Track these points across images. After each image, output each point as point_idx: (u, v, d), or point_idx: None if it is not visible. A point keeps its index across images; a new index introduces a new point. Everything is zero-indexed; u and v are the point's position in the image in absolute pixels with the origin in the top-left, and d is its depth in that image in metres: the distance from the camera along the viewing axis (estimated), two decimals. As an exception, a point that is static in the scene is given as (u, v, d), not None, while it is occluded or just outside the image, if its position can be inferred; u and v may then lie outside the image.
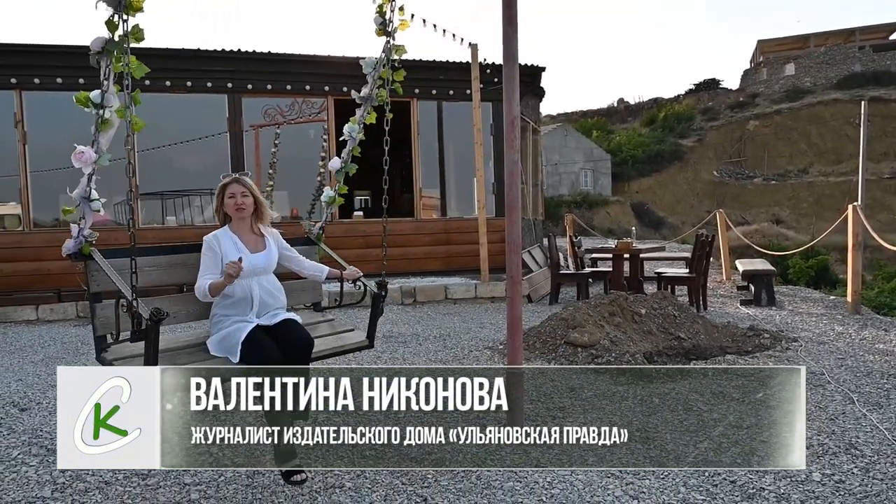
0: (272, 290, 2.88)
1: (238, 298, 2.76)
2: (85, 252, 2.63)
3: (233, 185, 2.86)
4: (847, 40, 45.25)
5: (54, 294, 7.42)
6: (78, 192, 2.57)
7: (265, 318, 2.79)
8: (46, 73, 7.75)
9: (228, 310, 2.77)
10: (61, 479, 2.68)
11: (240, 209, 2.84)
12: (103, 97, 2.42)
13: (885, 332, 5.72)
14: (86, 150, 2.48)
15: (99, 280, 2.66)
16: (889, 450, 2.91)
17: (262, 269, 2.85)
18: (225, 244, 2.80)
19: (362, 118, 3.51)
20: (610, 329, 5.00)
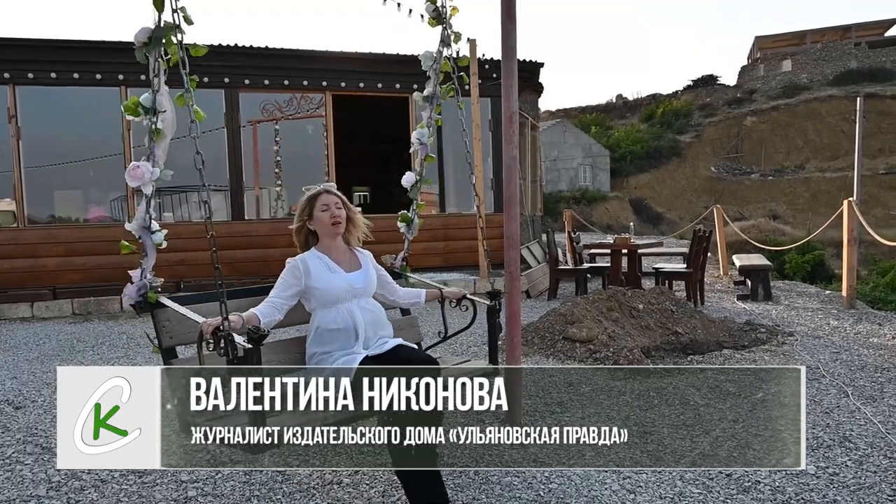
0: (376, 315, 2.49)
1: (338, 328, 2.38)
2: (151, 300, 2.25)
3: (325, 196, 2.49)
4: (843, 37, 45.30)
5: (49, 291, 7.39)
6: (137, 223, 2.19)
7: (374, 348, 2.41)
8: (40, 68, 7.70)
9: (328, 345, 2.38)
10: (56, 478, 2.68)
11: (337, 223, 2.47)
12: (155, 99, 2.09)
13: (879, 327, 5.74)
14: (141, 164, 2.10)
15: (172, 331, 2.27)
16: (882, 443, 2.92)
17: (361, 289, 2.46)
18: (314, 267, 2.42)
19: (430, 120, 3.19)
20: (608, 324, 5.01)
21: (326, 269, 2.43)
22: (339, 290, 2.41)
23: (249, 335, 1.90)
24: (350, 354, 2.34)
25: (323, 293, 2.39)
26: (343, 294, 2.40)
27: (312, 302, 2.43)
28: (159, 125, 2.10)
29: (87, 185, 10.77)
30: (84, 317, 7.18)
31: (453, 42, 3.04)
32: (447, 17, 3.03)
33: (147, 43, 2.03)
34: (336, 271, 2.44)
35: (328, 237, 2.50)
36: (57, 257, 7.71)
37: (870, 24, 45.44)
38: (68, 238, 7.82)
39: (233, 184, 8.45)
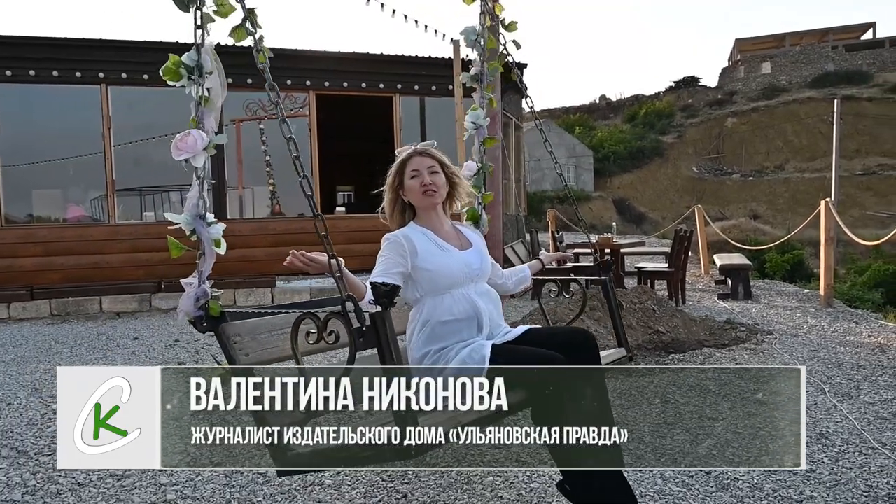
0: (495, 301, 2.08)
1: (456, 319, 1.96)
2: (215, 312, 1.80)
3: (416, 159, 2.06)
4: (821, 40, 46.04)
5: (27, 292, 7.27)
6: (190, 210, 1.74)
7: (498, 339, 2.01)
8: (19, 66, 7.57)
9: (446, 339, 1.94)
10: (32, 482, 2.64)
11: (429, 192, 2.01)
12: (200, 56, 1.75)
13: (855, 325, 5.85)
14: (192, 131, 1.74)
15: (247, 347, 1.85)
16: (858, 439, 2.98)
17: (478, 271, 2.04)
18: (420, 243, 1.97)
19: (483, 100, 2.84)
20: (590, 323, 5.04)
21: (435, 246, 2.00)
22: (455, 272, 1.97)
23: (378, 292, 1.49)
24: (474, 343, 1.92)
25: (435, 276, 1.96)
26: (460, 277, 1.97)
27: (419, 290, 1.99)
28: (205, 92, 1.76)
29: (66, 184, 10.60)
30: (62, 318, 7.07)
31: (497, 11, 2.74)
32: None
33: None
34: (447, 249, 2.01)
35: (425, 209, 2.06)
36: (35, 257, 7.59)
37: (847, 28, 46.27)
38: (47, 238, 7.70)
39: (217, 182, 8.38)
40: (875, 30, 46.02)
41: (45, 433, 3.18)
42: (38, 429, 3.25)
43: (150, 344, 5.45)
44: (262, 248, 7.88)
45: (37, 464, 2.81)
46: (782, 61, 45.07)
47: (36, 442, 3.07)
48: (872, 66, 42.86)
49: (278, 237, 7.94)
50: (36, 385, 4.14)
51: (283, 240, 7.84)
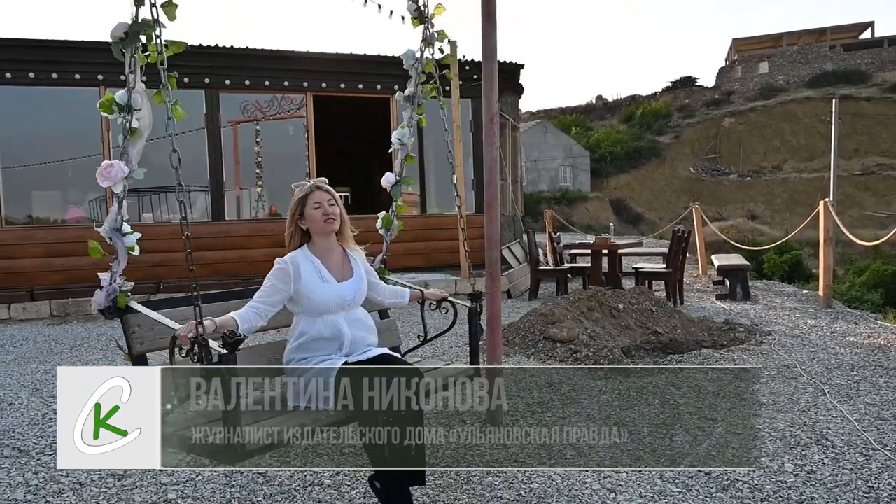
0: (364, 325, 2.40)
1: (323, 338, 2.29)
2: (121, 305, 2.15)
3: (318, 193, 2.35)
4: (819, 39, 46.15)
5: (27, 293, 7.26)
6: (108, 224, 2.10)
7: (355, 356, 2.33)
8: (19, 68, 7.56)
9: (310, 352, 2.29)
10: (34, 481, 2.64)
11: (330, 220, 2.33)
12: (130, 97, 2.00)
13: (855, 325, 5.86)
14: (115, 163, 2.01)
15: (143, 337, 2.17)
16: (858, 440, 2.99)
17: (350, 301, 2.36)
18: (305, 271, 2.29)
19: (412, 120, 3.14)
20: (588, 324, 5.05)
21: (318, 276, 2.31)
22: (327, 302, 2.30)
23: (225, 340, 1.83)
24: (330, 360, 2.27)
25: (311, 302, 2.28)
26: (332, 306, 2.30)
27: (298, 307, 2.33)
28: (134, 124, 2.02)
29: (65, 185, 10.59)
30: (62, 318, 7.06)
31: (436, 41, 3.02)
32: (430, 15, 3.00)
33: (123, 38, 1.95)
34: (328, 280, 2.32)
35: (322, 236, 2.38)
36: (35, 258, 7.58)
37: (845, 28, 46.36)
38: (46, 239, 7.69)
39: (213, 184, 8.38)
40: (873, 29, 46.14)
41: (47, 433, 3.18)
42: (39, 428, 3.25)
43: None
44: (259, 248, 7.88)
45: (39, 463, 2.81)
46: (780, 61, 45.17)
47: (37, 442, 3.07)
48: (871, 66, 42.96)
49: (276, 238, 7.92)
50: (37, 385, 4.14)
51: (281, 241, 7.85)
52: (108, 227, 2.10)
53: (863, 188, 35.82)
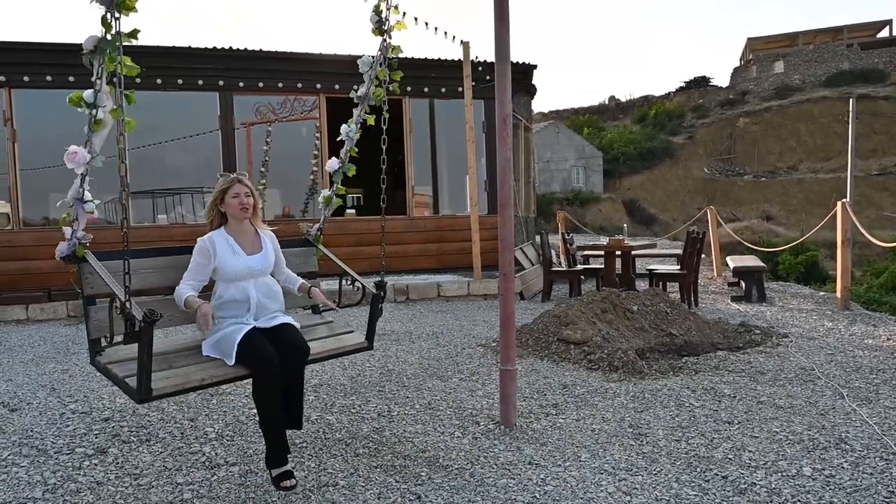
0: (270, 292, 2.86)
1: (234, 300, 2.75)
2: (79, 254, 2.62)
3: (237, 186, 2.84)
4: (835, 38, 45.61)
5: (44, 293, 7.36)
6: (71, 194, 2.53)
7: (262, 321, 2.78)
8: (36, 71, 7.67)
9: (224, 311, 2.74)
10: (52, 480, 2.67)
11: (245, 209, 2.82)
12: (96, 97, 2.36)
13: (873, 328, 5.77)
14: (79, 150, 2.42)
15: (93, 283, 2.62)
16: (878, 444, 2.94)
17: (258, 271, 2.83)
18: (220, 246, 2.77)
19: (359, 118, 3.47)
20: (602, 326, 5.02)
21: (230, 250, 2.77)
22: (238, 271, 2.75)
23: (145, 317, 2.21)
24: (240, 324, 2.70)
25: (224, 272, 2.74)
26: (241, 274, 2.75)
27: (216, 275, 2.80)
28: (99, 116, 2.37)
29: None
30: (79, 319, 7.14)
31: (390, 53, 3.34)
32: (389, 29, 3.29)
33: (92, 51, 2.29)
34: (238, 254, 2.78)
35: (236, 220, 2.84)
36: (52, 259, 7.64)
37: (862, 26, 45.76)
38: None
39: (227, 186, 8.43)
40: (892, 27, 45.50)
41: (65, 432, 3.22)
42: (57, 428, 3.29)
43: (164, 345, 5.49)
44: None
45: (56, 462, 2.84)
46: (795, 60, 44.68)
47: (55, 441, 3.10)
48: (889, 65, 42.36)
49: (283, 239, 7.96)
50: (54, 385, 4.19)
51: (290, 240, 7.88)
52: (71, 196, 2.51)
53: (880, 189, 35.32)
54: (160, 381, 2.44)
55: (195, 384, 2.56)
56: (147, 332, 2.24)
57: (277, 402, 2.59)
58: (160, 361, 2.53)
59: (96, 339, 2.64)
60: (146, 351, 2.28)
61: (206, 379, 2.57)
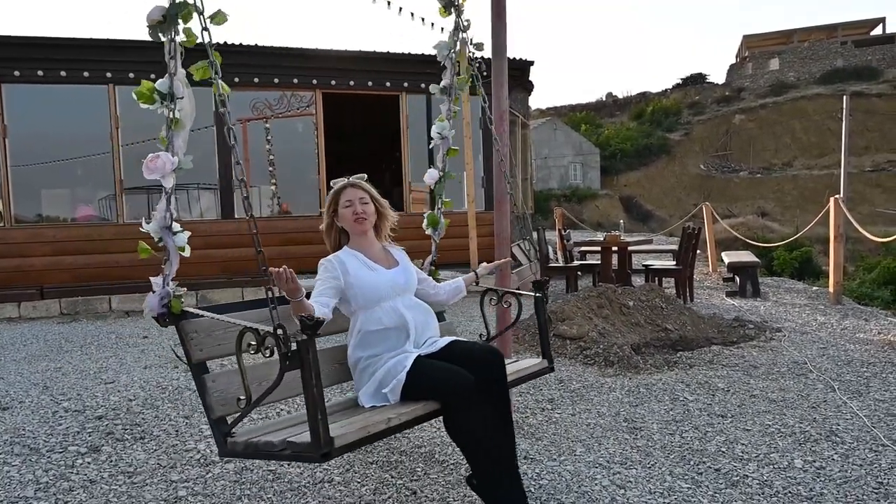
0: (425, 312, 2.32)
1: (388, 328, 2.20)
2: (175, 310, 1.97)
3: (348, 191, 2.34)
4: (830, 36, 45.71)
5: (37, 291, 7.32)
6: (157, 222, 1.90)
7: (425, 347, 2.22)
8: (27, 66, 7.61)
9: (377, 347, 2.19)
10: (45, 479, 2.66)
11: (360, 220, 2.30)
12: (172, 83, 1.85)
13: (865, 322, 5.81)
14: (162, 154, 1.85)
15: (202, 343, 2.04)
16: (868, 436, 2.96)
17: (403, 286, 2.30)
18: (351, 264, 2.24)
19: (450, 112, 3.03)
20: (598, 321, 5.03)
21: (364, 266, 2.26)
22: (380, 288, 2.22)
23: (303, 323, 1.64)
24: (401, 354, 2.15)
25: (364, 291, 2.21)
26: (386, 292, 2.22)
27: (353, 303, 2.24)
28: (177, 114, 1.86)
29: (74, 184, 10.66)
30: (72, 317, 7.12)
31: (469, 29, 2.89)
32: (460, 2, 2.90)
33: (161, 21, 1.81)
34: (375, 269, 2.27)
35: (356, 234, 2.34)
36: (44, 257, 7.64)
37: (856, 24, 45.89)
38: (56, 237, 7.75)
39: (222, 182, 8.41)
40: (885, 25, 45.64)
41: (57, 431, 3.21)
42: (49, 426, 3.28)
43: (159, 342, 5.49)
44: (270, 246, 7.87)
45: (49, 461, 2.83)
46: (790, 57, 44.79)
47: (48, 440, 3.09)
48: (882, 62, 42.52)
49: (286, 236, 7.96)
50: (47, 383, 4.17)
51: (292, 238, 7.86)
52: (157, 224, 1.89)
53: (873, 185, 35.47)
54: (337, 430, 1.81)
55: (381, 428, 1.91)
56: (311, 349, 1.63)
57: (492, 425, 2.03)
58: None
59: (222, 416, 1.99)
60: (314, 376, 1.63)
61: (392, 419, 1.94)
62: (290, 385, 1.90)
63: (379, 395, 2.14)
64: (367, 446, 2.95)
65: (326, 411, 1.70)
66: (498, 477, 2.03)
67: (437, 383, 2.01)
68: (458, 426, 2.00)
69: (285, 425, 2.08)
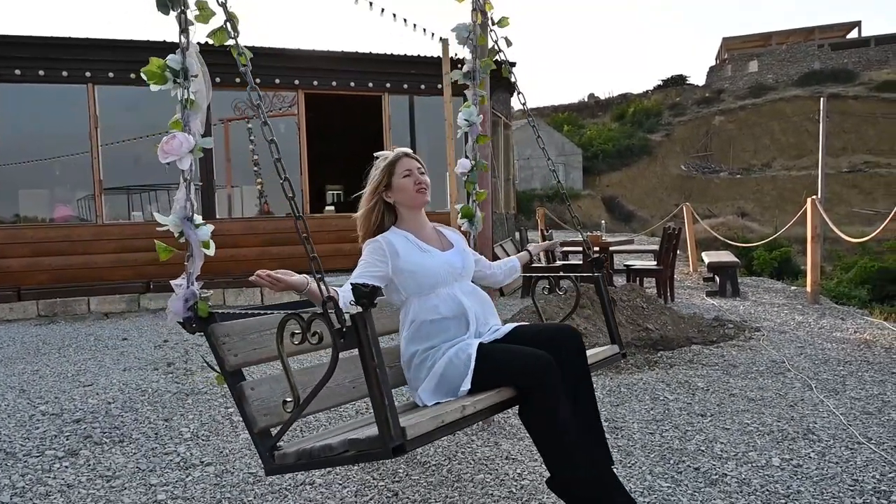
0: (484, 300, 2.11)
1: (442, 318, 1.98)
2: (202, 313, 1.77)
3: (405, 160, 2.10)
4: (807, 38, 46.47)
5: (14, 293, 7.20)
6: (177, 213, 1.70)
7: (487, 336, 2.02)
8: (4, 65, 7.49)
9: (435, 338, 1.97)
10: (21, 483, 2.62)
11: (422, 190, 2.06)
12: (185, 59, 1.72)
13: (842, 321, 5.92)
14: (178, 134, 1.69)
15: (236, 348, 1.81)
16: (844, 434, 3.02)
17: (461, 270, 2.07)
18: (402, 247, 2.00)
19: (476, 97, 2.86)
20: (579, 321, 5.06)
21: (416, 248, 2.03)
22: (438, 271, 1.99)
23: (358, 293, 1.44)
24: (461, 343, 1.93)
25: (418, 276, 1.98)
26: (442, 276, 1.99)
27: (404, 291, 2.02)
28: (191, 95, 1.72)
29: (53, 184, 10.50)
30: (50, 318, 7.00)
31: (487, 9, 2.75)
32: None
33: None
34: (428, 250, 2.04)
35: (412, 209, 2.09)
36: (22, 258, 7.51)
37: (832, 27, 46.72)
38: (34, 238, 7.62)
39: (204, 183, 8.33)
40: (860, 28, 46.51)
41: (34, 434, 3.16)
42: (26, 430, 3.22)
43: (138, 344, 5.42)
44: (251, 247, 7.85)
45: (25, 465, 2.79)
46: (769, 60, 45.45)
47: (24, 444, 3.04)
48: (858, 65, 43.32)
49: (267, 237, 7.91)
50: (24, 386, 4.10)
51: (273, 239, 7.81)
52: (178, 216, 1.70)
53: (850, 186, 36.12)
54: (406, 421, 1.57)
55: (456, 417, 1.69)
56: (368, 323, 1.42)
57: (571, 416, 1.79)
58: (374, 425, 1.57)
59: (266, 429, 1.76)
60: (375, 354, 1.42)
61: (467, 407, 1.73)
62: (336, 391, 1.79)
63: (441, 390, 1.93)
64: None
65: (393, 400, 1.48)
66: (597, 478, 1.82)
67: (512, 366, 1.79)
68: (534, 411, 1.77)
69: (340, 431, 1.87)
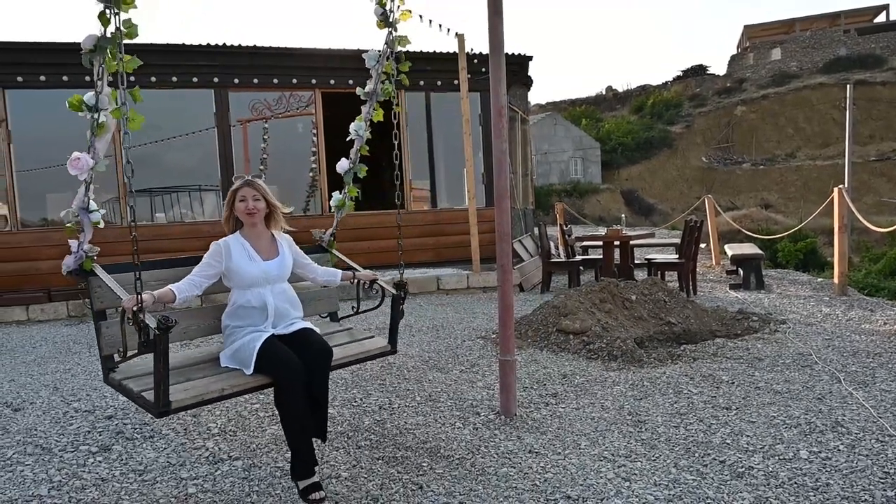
0: (288, 298, 2.78)
1: (251, 307, 2.66)
2: (86, 268, 2.51)
3: (244, 189, 2.77)
4: (832, 24, 45.44)
5: (44, 294, 7.37)
6: (76, 204, 2.43)
7: (281, 328, 2.69)
8: (30, 71, 7.65)
9: (242, 320, 2.66)
10: (57, 477, 2.69)
11: (251, 214, 2.73)
12: (98, 99, 2.27)
13: (871, 313, 5.81)
14: (82, 156, 2.33)
15: (102, 296, 2.53)
16: (874, 427, 2.97)
17: (275, 276, 2.74)
18: (235, 251, 2.70)
19: (368, 115, 3.35)
20: (601, 316, 5.04)
21: (246, 255, 2.71)
22: (254, 276, 2.68)
23: (158, 325, 2.11)
24: (258, 332, 2.61)
25: (240, 276, 2.67)
26: (257, 280, 2.68)
27: (230, 282, 2.72)
28: (101, 119, 2.28)
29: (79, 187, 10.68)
30: (79, 318, 7.16)
31: (398, 45, 3.24)
32: (395, 21, 3.20)
33: (92, 50, 2.20)
34: (254, 259, 2.72)
35: (247, 225, 2.79)
36: (51, 260, 7.68)
37: (859, 11, 45.59)
38: (62, 240, 7.77)
39: (224, 183, 8.44)
40: (888, 12, 45.31)
41: (68, 430, 3.24)
42: (60, 426, 3.31)
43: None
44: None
45: (61, 460, 2.87)
46: (792, 47, 44.54)
47: (59, 439, 3.13)
48: (886, 50, 42.23)
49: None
50: (57, 385, 4.21)
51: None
52: (76, 206, 2.42)
53: (878, 174, 35.31)
54: (178, 394, 2.34)
55: (215, 395, 2.43)
56: (162, 341, 2.14)
57: (303, 409, 2.45)
58: (177, 375, 2.48)
59: (109, 355, 2.53)
60: (162, 361, 2.17)
61: (226, 389, 2.46)
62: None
63: (234, 360, 2.61)
64: (371, 440, 2.97)
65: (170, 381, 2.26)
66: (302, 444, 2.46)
67: (275, 363, 2.47)
68: (279, 399, 2.47)
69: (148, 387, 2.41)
